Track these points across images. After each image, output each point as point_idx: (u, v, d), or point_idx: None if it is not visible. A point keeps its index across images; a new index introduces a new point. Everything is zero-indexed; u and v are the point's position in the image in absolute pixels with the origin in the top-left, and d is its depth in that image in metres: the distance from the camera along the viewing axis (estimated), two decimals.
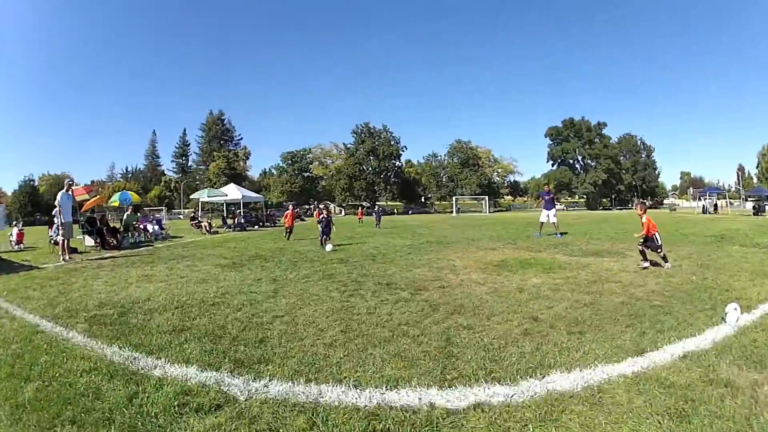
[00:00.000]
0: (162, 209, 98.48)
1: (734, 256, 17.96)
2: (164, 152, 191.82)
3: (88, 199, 32.81)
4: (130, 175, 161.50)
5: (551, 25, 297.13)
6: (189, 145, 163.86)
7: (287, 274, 15.21)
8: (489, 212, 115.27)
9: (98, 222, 29.13)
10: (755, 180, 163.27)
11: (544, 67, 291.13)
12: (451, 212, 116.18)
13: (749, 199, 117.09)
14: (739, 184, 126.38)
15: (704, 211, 78.20)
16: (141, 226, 34.59)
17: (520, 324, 8.50)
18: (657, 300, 10.37)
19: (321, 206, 35.86)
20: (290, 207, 34.84)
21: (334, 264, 17.56)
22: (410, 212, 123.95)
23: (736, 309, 8.42)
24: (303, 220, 78.48)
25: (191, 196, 73.16)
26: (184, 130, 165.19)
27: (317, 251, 22.69)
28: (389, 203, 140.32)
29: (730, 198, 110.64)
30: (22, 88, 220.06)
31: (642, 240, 15.68)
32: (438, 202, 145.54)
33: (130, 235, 31.38)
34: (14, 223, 34.42)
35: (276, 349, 7.27)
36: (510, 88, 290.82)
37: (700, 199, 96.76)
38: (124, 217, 32.96)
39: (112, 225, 31.74)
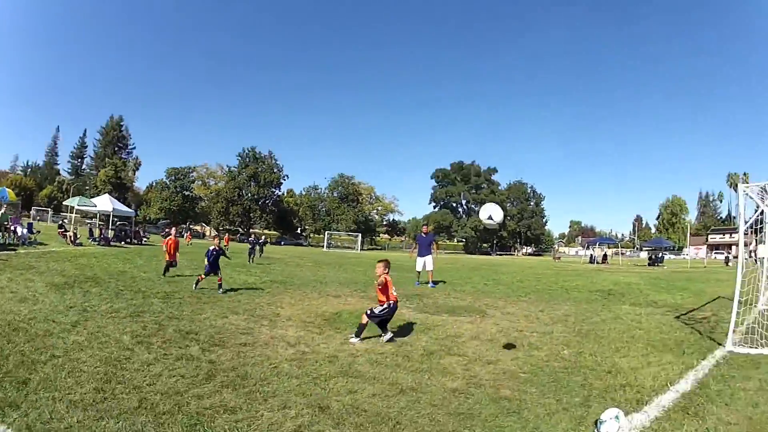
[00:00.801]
0: (48, 210, 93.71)
1: (624, 319, 16.04)
2: (65, 151, 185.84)
3: None
4: (29, 170, 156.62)
5: (446, 69, 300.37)
6: (86, 147, 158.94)
7: (101, 305, 13.95)
8: (361, 250, 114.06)
9: None
10: (653, 231, 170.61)
11: (438, 112, 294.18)
12: (323, 246, 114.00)
13: (644, 248, 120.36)
14: (634, 234, 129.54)
15: (592, 260, 78.41)
16: (12, 228, 32.59)
17: (299, 415, 6.64)
18: (507, 388, 8.26)
19: (214, 236, 30.22)
20: (172, 232, 25.38)
21: (155, 299, 15.68)
22: (282, 243, 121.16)
23: (617, 418, 6.21)
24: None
25: (64, 203, 68.22)
26: (85, 131, 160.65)
27: (153, 280, 20.35)
28: (265, 232, 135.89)
29: (624, 247, 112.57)
30: None
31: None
32: (313, 235, 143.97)
33: (0, 236, 29.51)
34: None
35: (30, 395, 6.62)
36: (400, 129, 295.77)
37: (588, 248, 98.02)
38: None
39: None
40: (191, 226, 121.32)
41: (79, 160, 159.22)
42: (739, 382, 8.82)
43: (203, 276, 18.76)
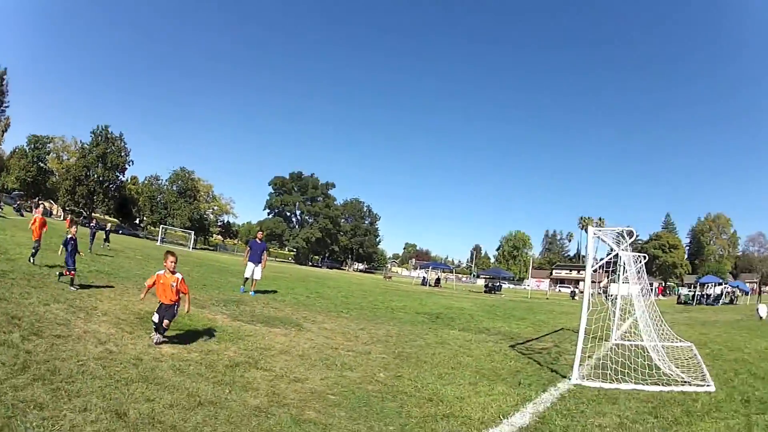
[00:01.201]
0: None
1: (450, 344, 15.83)
2: None
3: None
4: None
5: (302, 77, 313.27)
6: None
7: None
8: (193, 248, 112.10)
9: None
10: (492, 261, 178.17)
11: (285, 121, 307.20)
12: (157, 240, 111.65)
13: (482, 276, 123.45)
14: (472, 261, 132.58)
15: (424, 283, 79.06)
16: None
17: (98, 419, 6.41)
18: (312, 409, 8.03)
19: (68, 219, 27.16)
20: (39, 207, 21.98)
21: None
22: (120, 232, 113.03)
23: None
24: (22, 215, 72.07)
25: None
26: None
27: None
28: (106, 218, 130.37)
29: (460, 273, 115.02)
30: None
31: None
32: (150, 227, 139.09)
33: None
34: None
35: None
36: (247, 131, 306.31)
37: (420, 270, 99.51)
38: None
39: None
40: (41, 202, 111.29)
41: None
42: (592, 417, 8.57)
43: (72, 272, 16.92)
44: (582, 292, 13.90)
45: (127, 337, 11.32)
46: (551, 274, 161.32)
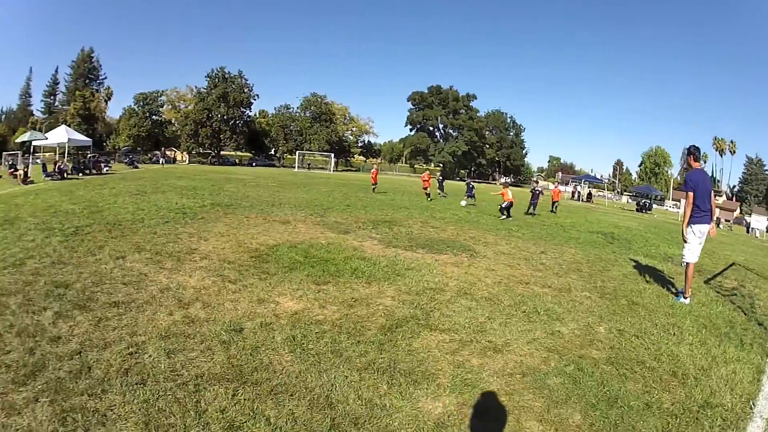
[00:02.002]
0: (17, 153, 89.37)
1: (647, 276, 12.84)
2: (38, 92, 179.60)
3: None
4: (3, 116, 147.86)
5: None
6: (58, 83, 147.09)
7: None
8: (334, 170, 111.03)
9: None
10: (634, 177, 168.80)
11: (416, 32, 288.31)
12: (295, 167, 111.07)
13: (626, 193, 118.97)
14: (615, 177, 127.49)
15: (574, 197, 75.67)
16: None
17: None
18: (531, 416, 5.05)
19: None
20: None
21: (57, 237, 12.15)
22: (254, 164, 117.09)
23: None
24: (136, 167, 69.56)
25: (16, 140, 64.22)
26: (57, 68, 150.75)
27: (76, 213, 16.53)
28: (236, 153, 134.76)
29: (606, 189, 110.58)
30: None
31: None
32: (287, 156, 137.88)
33: None
34: None
35: None
36: (376, 48, 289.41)
37: (569, 184, 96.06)
38: None
39: None
40: (165, 151, 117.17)
41: (52, 97, 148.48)
42: None
43: None
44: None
45: (228, 289, 8.44)
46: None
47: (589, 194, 79.13)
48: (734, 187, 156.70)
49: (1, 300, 7.27)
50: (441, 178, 41.89)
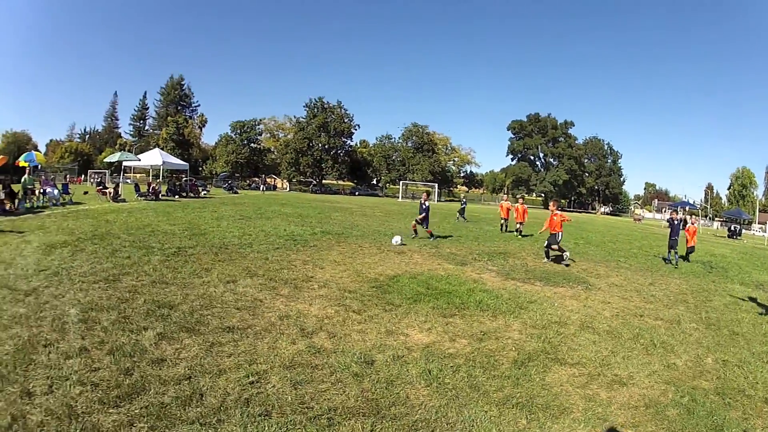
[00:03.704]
0: (104, 172, 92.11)
1: (742, 305, 13.31)
2: (124, 115, 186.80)
3: None
4: (87, 136, 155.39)
5: (527, 21, 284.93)
6: (147, 108, 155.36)
7: (84, 266, 10.94)
8: (438, 201, 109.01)
9: None
10: (724, 201, 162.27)
11: (514, 61, 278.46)
12: (398, 197, 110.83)
13: (717, 218, 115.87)
14: (706, 202, 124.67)
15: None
16: (41, 190, 30.33)
17: None
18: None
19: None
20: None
21: (156, 256, 12.39)
22: (357, 193, 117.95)
23: None
24: (236, 192, 71.22)
25: (105, 160, 65.61)
26: (145, 93, 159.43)
27: (175, 234, 16.90)
28: (338, 182, 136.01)
29: (694, 214, 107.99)
30: None
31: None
32: (389, 186, 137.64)
33: (26, 200, 27.09)
34: None
35: None
36: (476, 77, 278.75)
37: (664, 212, 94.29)
38: (22, 179, 28.89)
39: (10, 188, 27.22)
40: (266, 178, 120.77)
41: (141, 121, 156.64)
42: None
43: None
44: None
45: (353, 320, 8.33)
46: None
47: (684, 221, 77.24)
48: None
49: (91, 315, 7.31)
50: (464, 201, 41.69)
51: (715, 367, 7.87)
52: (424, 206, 19.62)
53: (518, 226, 26.88)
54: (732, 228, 67.06)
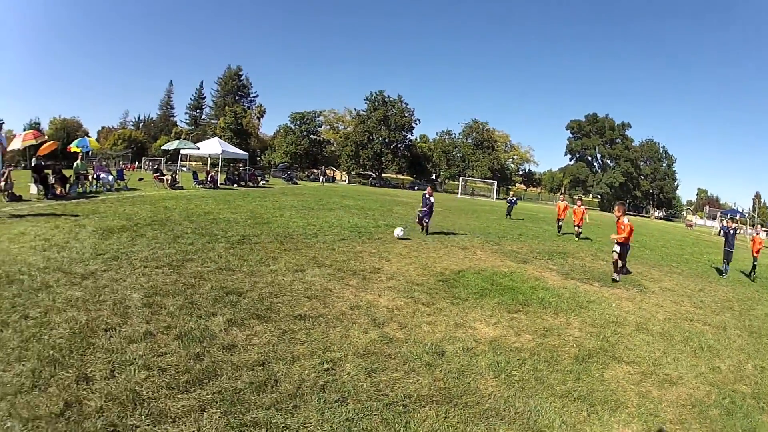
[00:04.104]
0: (159, 159, 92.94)
1: None
2: (180, 104, 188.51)
3: (36, 144, 28.18)
4: (141, 124, 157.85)
5: (586, 22, 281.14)
6: (204, 98, 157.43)
7: (144, 251, 11.19)
8: (497, 198, 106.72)
9: (43, 169, 25.20)
10: None
11: (573, 61, 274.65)
12: (457, 193, 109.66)
13: (764, 227, 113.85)
14: (754, 210, 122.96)
15: (721, 233, 73.01)
16: (93, 175, 31.03)
17: None
18: None
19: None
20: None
21: (221, 244, 12.80)
22: (416, 188, 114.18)
23: None
24: (295, 183, 71.94)
25: (162, 147, 66.15)
26: (201, 83, 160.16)
27: (238, 222, 17.38)
28: (397, 176, 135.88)
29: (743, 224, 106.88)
30: (34, 26, 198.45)
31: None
32: (448, 181, 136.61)
33: (79, 185, 27.38)
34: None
35: None
36: (536, 76, 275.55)
37: (716, 219, 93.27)
38: (74, 165, 28.98)
39: (61, 173, 27.15)
40: (325, 170, 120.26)
41: (198, 110, 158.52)
42: None
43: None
44: None
45: (422, 312, 8.61)
46: None
47: (735, 229, 75.80)
48: None
49: (155, 299, 7.48)
50: (514, 199, 39.58)
51: (754, 373, 8.21)
52: (430, 200, 19.55)
53: (576, 229, 26.03)
54: None
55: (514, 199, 38.94)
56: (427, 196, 19.27)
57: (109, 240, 12.20)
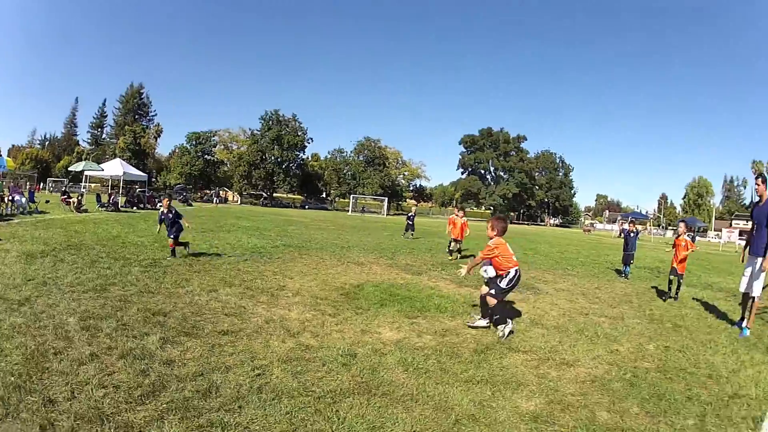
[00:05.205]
0: (63, 180, 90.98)
1: (688, 302, 14.57)
2: (84, 122, 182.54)
3: None
4: (47, 142, 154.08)
5: (475, 35, 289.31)
6: (106, 116, 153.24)
7: (68, 276, 11.32)
8: (387, 214, 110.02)
9: None
10: (679, 210, 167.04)
11: (467, 76, 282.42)
12: (348, 210, 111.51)
13: (671, 226, 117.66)
14: (660, 212, 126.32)
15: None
16: (9, 197, 30.24)
17: None
18: (603, 408, 6.17)
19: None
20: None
21: (135, 267, 13.02)
22: (307, 207, 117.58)
23: None
24: (190, 204, 72.41)
25: (69, 168, 65.06)
26: (104, 100, 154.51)
27: (145, 245, 17.80)
28: (288, 195, 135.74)
29: (650, 225, 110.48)
30: None
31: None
32: (338, 200, 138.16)
33: None
34: None
35: None
36: (428, 92, 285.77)
37: (616, 222, 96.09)
38: None
39: None
40: (219, 191, 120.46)
41: (99, 129, 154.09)
42: None
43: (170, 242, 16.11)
44: None
45: (330, 322, 9.12)
46: (731, 225, 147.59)
47: (636, 232, 78.77)
48: None
49: (90, 323, 7.66)
50: (412, 215, 35.87)
51: (657, 353, 8.79)
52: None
53: (455, 244, 22.28)
54: (688, 235, 69.48)
55: (412, 215, 36.52)
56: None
57: (34, 265, 12.37)
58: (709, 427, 5.76)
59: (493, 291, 9.03)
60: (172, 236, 15.79)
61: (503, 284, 9.06)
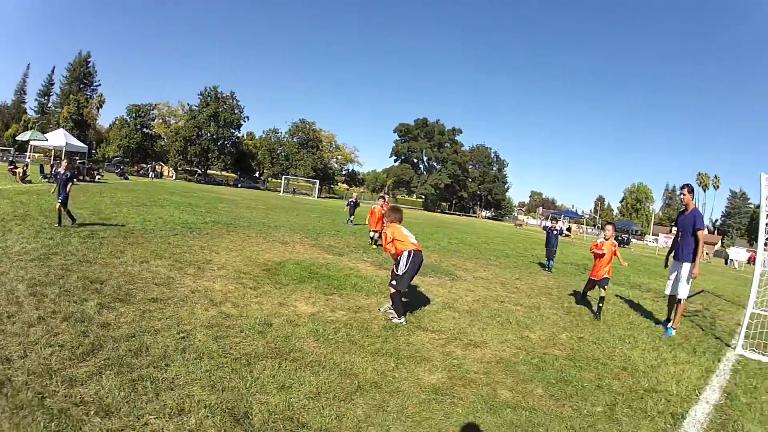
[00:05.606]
0: (9, 149, 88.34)
1: (613, 300, 14.82)
2: (34, 90, 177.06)
3: None
4: None
5: (420, 26, 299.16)
6: (53, 84, 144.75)
7: (15, 246, 11.59)
8: (318, 197, 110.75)
9: None
10: (616, 212, 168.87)
11: (405, 67, 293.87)
12: (280, 191, 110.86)
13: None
14: (596, 213, 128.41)
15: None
16: None
17: (199, 427, 4.59)
18: (505, 388, 6.50)
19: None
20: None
21: (75, 239, 13.33)
22: (239, 185, 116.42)
23: None
24: (127, 178, 68.87)
25: (17, 138, 64.11)
26: (53, 68, 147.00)
27: (84, 217, 17.82)
28: (222, 173, 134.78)
29: (585, 225, 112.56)
30: None
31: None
32: (271, 180, 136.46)
33: None
34: None
35: None
36: (366, 80, 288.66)
37: (548, 219, 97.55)
38: None
39: None
40: (155, 165, 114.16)
41: (46, 97, 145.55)
42: (764, 395, 7.64)
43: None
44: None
45: (251, 294, 9.66)
46: (670, 231, 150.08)
47: (569, 228, 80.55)
48: (716, 221, 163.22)
49: (37, 290, 8.06)
50: (354, 201, 34.59)
51: (570, 342, 9.15)
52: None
53: (373, 234, 20.84)
54: (619, 237, 71.08)
55: (353, 201, 35.05)
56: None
57: None
58: (619, 416, 6.01)
59: (393, 282, 8.99)
60: (60, 199, 15.83)
61: (399, 270, 8.96)
